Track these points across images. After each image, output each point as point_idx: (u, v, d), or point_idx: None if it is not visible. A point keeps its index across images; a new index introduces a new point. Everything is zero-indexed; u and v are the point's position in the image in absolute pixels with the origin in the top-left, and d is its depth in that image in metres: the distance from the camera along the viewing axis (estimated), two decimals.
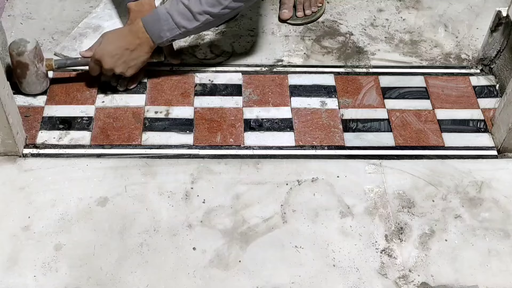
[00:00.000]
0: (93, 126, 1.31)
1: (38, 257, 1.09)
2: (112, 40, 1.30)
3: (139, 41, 1.28)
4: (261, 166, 1.26)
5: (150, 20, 1.27)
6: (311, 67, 1.47)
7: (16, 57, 1.27)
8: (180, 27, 1.26)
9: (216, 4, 1.23)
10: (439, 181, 1.24)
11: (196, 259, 1.10)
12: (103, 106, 1.35)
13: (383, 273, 1.10)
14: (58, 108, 1.34)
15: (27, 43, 1.28)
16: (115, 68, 1.30)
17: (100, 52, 1.29)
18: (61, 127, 1.31)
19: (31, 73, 1.29)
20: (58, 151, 1.26)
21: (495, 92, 1.43)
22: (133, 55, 1.30)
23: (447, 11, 1.65)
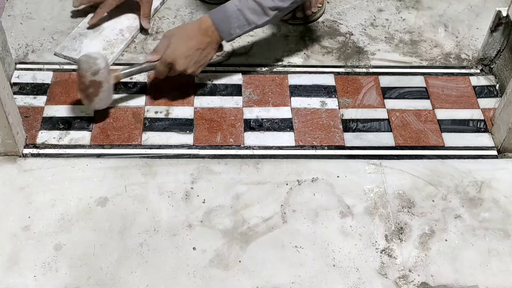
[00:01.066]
0: (93, 126, 1.31)
1: (38, 257, 1.09)
2: (182, 41, 1.27)
3: (209, 39, 1.27)
4: (261, 166, 1.26)
5: (220, 18, 1.26)
6: (311, 67, 1.47)
7: (90, 77, 1.22)
8: (250, 23, 1.26)
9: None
10: (439, 181, 1.24)
11: (196, 259, 1.10)
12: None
13: (383, 273, 1.10)
14: (58, 108, 1.34)
15: (97, 59, 1.23)
16: (187, 69, 1.28)
17: (172, 55, 1.26)
18: (61, 127, 1.31)
19: (104, 90, 1.25)
20: (58, 151, 1.26)
21: (495, 92, 1.43)
22: (203, 54, 1.28)
23: (447, 11, 1.65)
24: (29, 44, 1.49)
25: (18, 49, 1.47)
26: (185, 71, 1.29)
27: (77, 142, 1.28)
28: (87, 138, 1.29)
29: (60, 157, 1.25)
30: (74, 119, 1.32)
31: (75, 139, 1.28)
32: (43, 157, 1.24)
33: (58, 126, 1.31)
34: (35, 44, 1.49)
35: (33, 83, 1.39)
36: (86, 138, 1.29)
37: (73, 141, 1.28)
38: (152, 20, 1.57)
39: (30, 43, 1.49)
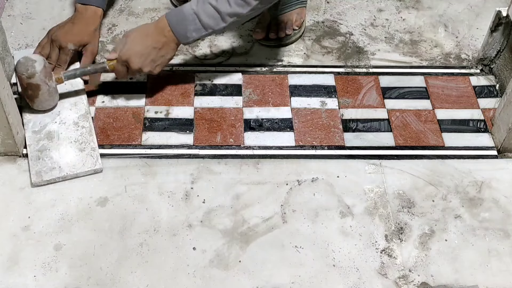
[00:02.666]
0: (93, 126, 1.31)
1: (38, 257, 1.09)
2: (137, 40, 1.26)
3: (165, 39, 1.25)
4: (261, 166, 1.26)
5: (176, 20, 1.24)
6: (311, 67, 1.47)
7: (26, 80, 1.21)
8: (207, 28, 1.24)
9: (244, 5, 1.21)
10: (439, 181, 1.24)
11: (196, 259, 1.10)
12: (103, 106, 1.35)
13: (383, 273, 1.10)
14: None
15: (35, 62, 1.21)
16: (143, 67, 1.27)
17: (127, 53, 1.25)
18: None
19: (43, 92, 1.24)
20: None
21: (495, 92, 1.43)
22: (160, 53, 1.27)
23: (447, 11, 1.65)
24: (29, 44, 1.49)
25: (18, 49, 1.47)
26: (140, 69, 1.27)
27: None
28: None
29: None
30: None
31: None
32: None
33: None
34: (35, 44, 1.48)
35: None
36: None
37: None
38: (152, 20, 1.57)
39: (30, 43, 1.49)
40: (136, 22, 1.55)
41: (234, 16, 1.22)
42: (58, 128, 1.27)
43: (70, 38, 1.32)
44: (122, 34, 1.52)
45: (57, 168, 1.20)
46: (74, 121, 1.29)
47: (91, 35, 1.34)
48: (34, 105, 1.27)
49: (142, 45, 1.25)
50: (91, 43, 1.36)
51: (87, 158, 1.22)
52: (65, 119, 1.29)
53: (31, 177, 1.19)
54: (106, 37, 1.51)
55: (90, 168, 1.21)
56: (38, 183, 1.19)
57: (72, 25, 1.34)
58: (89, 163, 1.21)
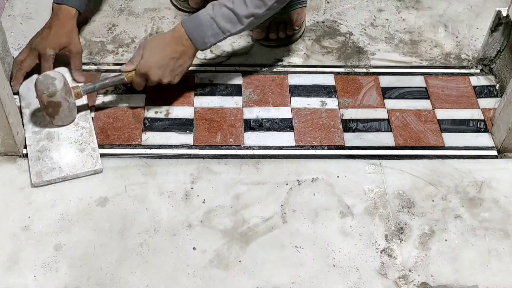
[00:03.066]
0: (93, 126, 1.31)
1: (38, 257, 1.09)
2: (155, 51, 1.25)
3: (183, 48, 1.24)
4: (261, 166, 1.26)
5: (193, 27, 1.23)
6: (311, 67, 1.47)
7: (47, 98, 1.20)
8: (225, 32, 1.23)
9: (261, 5, 1.20)
10: (439, 181, 1.24)
11: (196, 259, 1.10)
12: (103, 106, 1.35)
13: (383, 273, 1.10)
14: None
15: (54, 80, 1.20)
16: (162, 78, 1.26)
17: (146, 66, 1.25)
18: None
19: (64, 109, 1.23)
20: None
21: (495, 92, 1.43)
22: (178, 63, 1.26)
23: (447, 11, 1.65)
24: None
25: (18, 49, 1.47)
26: (160, 80, 1.27)
27: None
28: None
29: None
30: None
31: None
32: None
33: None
34: None
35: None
36: None
37: None
38: (152, 20, 1.57)
39: None
40: (136, 22, 1.56)
41: (251, 17, 1.22)
42: (58, 128, 1.27)
43: (47, 44, 1.30)
44: (123, 33, 1.52)
45: (57, 169, 1.20)
46: (74, 121, 1.29)
47: (68, 36, 1.32)
48: (54, 121, 1.26)
49: (160, 56, 1.24)
50: (71, 43, 1.33)
51: (87, 159, 1.22)
52: None
53: (31, 178, 1.19)
54: (106, 37, 1.51)
55: (90, 169, 1.21)
56: (38, 184, 1.19)
57: (48, 30, 1.32)
58: (89, 163, 1.21)
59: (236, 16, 1.21)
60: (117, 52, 1.47)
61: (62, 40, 1.31)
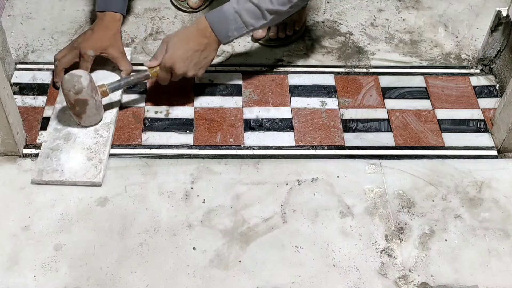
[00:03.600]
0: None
1: (38, 257, 1.09)
2: (179, 44, 1.25)
3: (207, 41, 1.25)
4: (261, 166, 1.26)
5: (217, 20, 1.24)
6: (311, 67, 1.47)
7: (74, 96, 1.20)
8: (248, 26, 1.24)
9: (286, 2, 1.22)
10: (439, 181, 1.24)
11: (196, 259, 1.10)
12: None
13: (383, 273, 1.10)
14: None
15: (80, 77, 1.20)
16: (187, 72, 1.27)
17: (171, 59, 1.25)
18: None
19: (91, 107, 1.23)
20: None
21: (495, 92, 1.43)
22: (203, 55, 1.27)
23: (447, 11, 1.65)
24: (29, 44, 1.49)
25: (18, 49, 1.47)
26: (185, 74, 1.27)
27: None
28: None
29: None
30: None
31: None
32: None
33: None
34: (35, 44, 1.49)
35: (33, 83, 1.39)
36: None
37: None
38: (152, 20, 1.57)
39: (30, 43, 1.49)
40: (136, 22, 1.56)
41: (275, 13, 1.23)
42: (78, 131, 1.27)
43: (89, 44, 1.31)
44: (123, 33, 1.52)
45: (59, 171, 1.20)
46: (95, 128, 1.28)
47: (110, 39, 1.33)
48: (81, 121, 1.26)
49: (184, 50, 1.25)
50: (113, 45, 1.34)
51: (91, 169, 1.21)
52: None
53: (33, 174, 1.19)
54: None
55: (89, 180, 1.19)
56: (37, 181, 1.19)
57: (92, 32, 1.33)
58: (90, 174, 1.20)
59: (260, 12, 1.23)
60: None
61: (105, 43, 1.32)
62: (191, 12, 1.60)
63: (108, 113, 1.31)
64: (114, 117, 1.30)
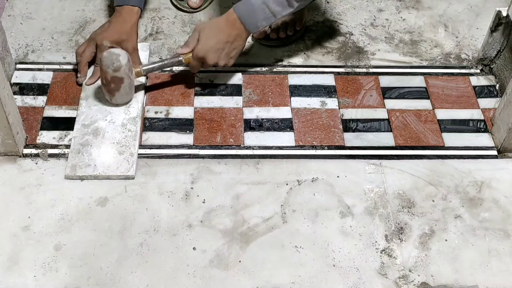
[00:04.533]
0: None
1: (38, 257, 1.09)
2: (211, 35, 1.29)
3: (237, 32, 1.29)
4: (261, 166, 1.26)
5: (246, 11, 1.27)
6: (311, 67, 1.47)
7: (112, 73, 1.24)
8: (275, 15, 1.28)
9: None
10: (439, 181, 1.24)
11: (196, 259, 1.10)
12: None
13: (383, 273, 1.10)
14: (58, 108, 1.34)
15: (119, 56, 1.24)
16: (219, 61, 1.31)
17: (203, 50, 1.29)
18: (61, 127, 1.30)
19: (125, 85, 1.27)
20: (58, 151, 1.26)
21: (495, 92, 1.43)
22: (233, 46, 1.30)
23: (447, 11, 1.65)
24: (29, 44, 1.49)
25: (18, 49, 1.47)
26: (217, 64, 1.31)
27: None
28: None
29: (60, 157, 1.25)
30: (74, 119, 1.32)
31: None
32: (43, 157, 1.24)
33: (58, 126, 1.31)
34: (35, 44, 1.49)
35: (33, 83, 1.39)
36: None
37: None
38: (152, 20, 1.57)
39: (30, 43, 1.49)
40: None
41: (301, 0, 1.26)
42: (106, 126, 1.28)
43: (106, 36, 1.33)
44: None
45: (91, 166, 1.21)
46: (122, 122, 1.29)
47: (127, 32, 1.34)
48: (113, 99, 1.29)
49: (216, 40, 1.28)
50: (129, 40, 1.35)
51: (123, 163, 1.22)
52: (115, 118, 1.30)
53: (66, 169, 1.20)
54: None
55: (122, 173, 1.21)
56: (70, 177, 1.20)
57: (109, 23, 1.36)
58: (123, 167, 1.21)
59: (286, 0, 1.26)
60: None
61: (121, 35, 1.34)
62: (191, 12, 1.60)
63: (133, 108, 1.32)
64: (139, 110, 1.32)
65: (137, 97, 1.34)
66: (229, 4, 1.61)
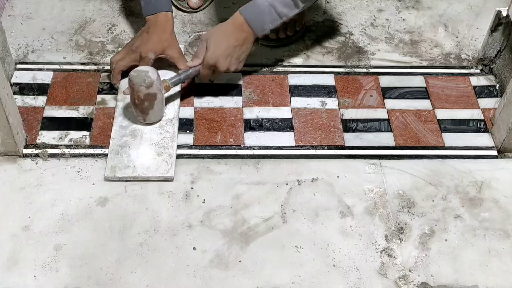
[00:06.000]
0: (93, 126, 1.31)
1: (38, 257, 1.09)
2: (219, 41, 1.28)
3: (245, 35, 1.28)
4: (261, 166, 1.26)
5: (253, 14, 1.27)
6: (311, 67, 1.47)
7: (145, 90, 1.21)
8: (282, 17, 1.28)
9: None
10: (439, 181, 1.24)
11: (196, 259, 1.10)
12: (103, 106, 1.35)
13: (383, 273, 1.10)
14: (58, 108, 1.34)
15: (148, 72, 1.22)
16: (230, 67, 1.30)
17: (213, 57, 1.28)
18: (61, 127, 1.31)
19: (158, 101, 1.24)
20: (58, 151, 1.26)
21: (495, 92, 1.43)
22: (242, 50, 1.30)
23: (447, 11, 1.65)
24: (29, 44, 1.49)
25: (18, 49, 1.47)
26: (228, 69, 1.30)
27: (77, 142, 1.28)
28: (87, 138, 1.29)
29: (60, 157, 1.25)
30: (74, 119, 1.32)
31: (75, 139, 1.28)
32: (43, 157, 1.24)
33: (58, 126, 1.31)
34: (35, 44, 1.49)
35: (33, 83, 1.39)
36: (86, 138, 1.28)
37: (73, 141, 1.28)
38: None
39: (30, 43, 1.49)
40: (136, 22, 1.55)
41: (306, 1, 1.27)
42: (143, 128, 1.28)
43: (150, 48, 1.32)
44: (123, 33, 1.52)
45: (131, 167, 1.21)
46: (160, 124, 1.29)
47: (169, 40, 1.34)
48: (147, 118, 1.27)
49: (225, 46, 1.27)
50: (172, 47, 1.34)
51: (162, 164, 1.21)
52: None
53: (105, 170, 1.20)
54: (106, 37, 1.51)
55: (161, 174, 1.20)
56: (110, 178, 1.20)
57: (148, 34, 1.33)
58: (162, 169, 1.21)
59: (293, 1, 1.26)
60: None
61: (164, 44, 1.33)
62: (191, 12, 1.60)
63: (170, 110, 1.32)
64: (176, 113, 1.32)
65: (174, 98, 1.34)
66: (229, 4, 1.61)
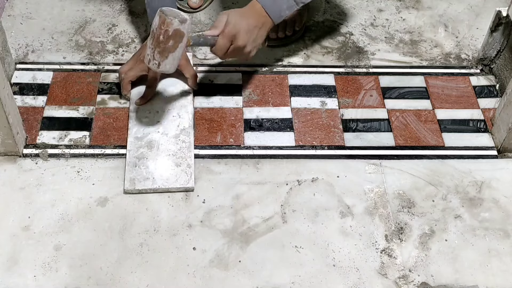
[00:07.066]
0: (93, 126, 1.31)
1: (38, 257, 1.09)
2: (242, 17, 1.26)
3: (263, 19, 1.27)
4: (261, 166, 1.26)
5: (269, 1, 1.26)
6: (311, 67, 1.47)
7: (177, 25, 1.13)
8: (298, 3, 1.28)
9: None
10: (439, 181, 1.24)
11: (196, 259, 1.10)
12: (103, 106, 1.35)
13: (383, 273, 1.10)
14: (58, 108, 1.34)
15: (180, 13, 1.16)
16: (247, 45, 1.27)
17: (235, 29, 1.24)
18: (61, 127, 1.31)
19: (181, 47, 1.17)
20: (58, 151, 1.26)
21: (495, 92, 1.43)
22: (260, 33, 1.28)
23: (447, 11, 1.65)
24: (29, 44, 1.49)
25: (18, 49, 1.47)
26: (244, 47, 1.27)
27: (77, 142, 1.28)
28: (87, 138, 1.29)
29: (60, 157, 1.25)
30: (74, 119, 1.32)
31: (75, 139, 1.28)
32: (43, 157, 1.24)
33: (58, 126, 1.31)
34: (35, 44, 1.49)
35: (33, 83, 1.39)
36: (86, 138, 1.29)
37: (73, 141, 1.28)
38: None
39: (30, 43, 1.49)
40: (136, 22, 1.56)
41: None
42: (160, 138, 1.26)
43: None
44: (123, 33, 1.52)
45: (150, 179, 1.19)
46: (175, 133, 1.27)
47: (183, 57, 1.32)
48: (164, 62, 1.18)
49: (247, 22, 1.25)
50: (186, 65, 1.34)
51: (181, 174, 1.20)
52: (167, 130, 1.28)
53: (125, 183, 1.18)
54: (106, 37, 1.51)
55: (182, 185, 1.19)
56: (130, 191, 1.18)
57: None
58: (182, 179, 1.20)
59: None
60: (117, 52, 1.47)
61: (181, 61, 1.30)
62: (191, 12, 1.60)
63: (184, 119, 1.30)
64: (191, 122, 1.30)
65: (187, 107, 1.33)
66: (229, 4, 1.61)
